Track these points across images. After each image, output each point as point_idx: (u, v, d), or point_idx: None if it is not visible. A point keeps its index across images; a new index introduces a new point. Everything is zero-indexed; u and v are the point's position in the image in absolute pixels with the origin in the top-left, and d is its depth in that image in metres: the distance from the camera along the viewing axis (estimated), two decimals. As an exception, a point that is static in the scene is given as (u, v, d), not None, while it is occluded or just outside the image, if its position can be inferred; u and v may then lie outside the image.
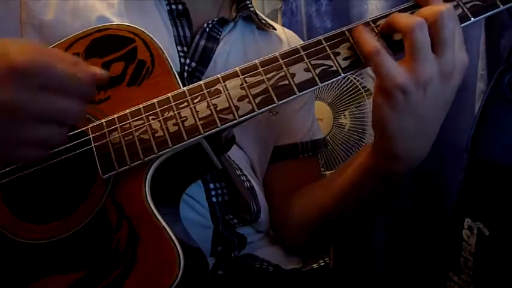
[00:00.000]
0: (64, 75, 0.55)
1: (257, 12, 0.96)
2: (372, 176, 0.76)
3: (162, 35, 0.83)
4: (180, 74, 0.82)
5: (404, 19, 0.64)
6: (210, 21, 0.87)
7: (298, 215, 0.89)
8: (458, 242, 0.79)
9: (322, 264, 0.90)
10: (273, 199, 0.92)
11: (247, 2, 0.93)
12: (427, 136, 0.70)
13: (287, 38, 0.99)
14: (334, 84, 1.44)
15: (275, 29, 0.98)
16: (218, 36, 0.88)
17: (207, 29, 0.86)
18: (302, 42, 0.70)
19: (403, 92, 0.64)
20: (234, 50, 0.89)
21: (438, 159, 1.41)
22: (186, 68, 0.83)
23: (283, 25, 1.79)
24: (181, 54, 0.84)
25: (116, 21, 0.79)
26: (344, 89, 1.42)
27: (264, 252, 0.87)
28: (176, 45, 0.84)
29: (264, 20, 0.98)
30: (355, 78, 1.41)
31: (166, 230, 0.61)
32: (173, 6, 0.86)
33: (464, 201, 0.82)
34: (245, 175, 0.87)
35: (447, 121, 1.35)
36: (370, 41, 0.65)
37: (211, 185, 0.81)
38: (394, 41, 0.67)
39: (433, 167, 1.42)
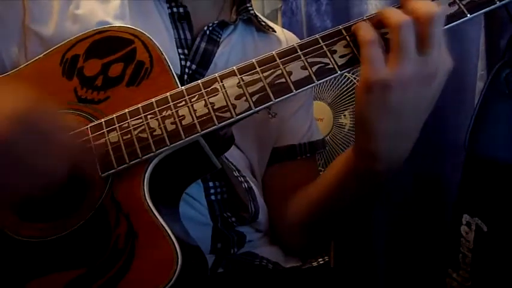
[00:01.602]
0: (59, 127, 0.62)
1: (257, 14, 0.97)
2: (353, 176, 0.77)
3: (163, 38, 0.83)
4: (181, 76, 0.83)
5: (394, 16, 0.65)
6: (210, 24, 0.87)
7: (293, 214, 0.89)
8: (457, 238, 0.79)
9: (321, 262, 0.91)
10: (271, 200, 0.93)
11: (248, 5, 0.94)
12: (406, 136, 0.70)
13: (286, 39, 1.00)
14: (334, 84, 1.44)
15: (275, 31, 0.99)
16: (218, 39, 0.89)
17: (208, 32, 0.87)
18: (299, 41, 0.70)
19: (383, 87, 0.64)
20: (234, 53, 0.90)
21: (438, 157, 1.41)
22: (187, 70, 0.84)
23: (283, 25, 1.80)
24: (182, 56, 0.85)
25: (117, 24, 0.80)
26: (344, 89, 1.42)
27: (263, 250, 0.88)
28: (177, 47, 0.85)
29: (264, 22, 0.98)
30: (355, 78, 1.41)
31: (163, 227, 0.62)
32: (174, 9, 0.86)
33: (462, 197, 0.82)
34: (243, 176, 0.87)
35: (447, 120, 1.36)
36: (367, 32, 0.66)
37: (211, 184, 0.82)
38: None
39: (433, 166, 1.42)
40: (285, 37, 1.01)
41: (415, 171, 1.42)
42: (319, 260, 0.91)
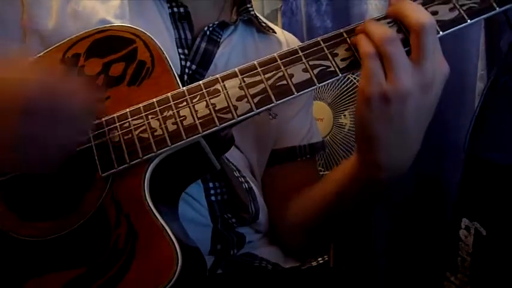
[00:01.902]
0: (72, 110, 0.62)
1: (257, 15, 0.97)
2: (357, 183, 0.77)
3: (163, 38, 0.83)
4: (181, 76, 0.83)
5: (377, 31, 0.65)
6: (210, 25, 0.87)
7: (293, 215, 0.90)
8: (456, 242, 0.79)
9: (321, 262, 0.91)
10: (271, 201, 0.93)
11: (248, 6, 0.93)
12: (408, 145, 0.71)
13: (287, 40, 1.00)
14: (334, 84, 1.44)
15: (275, 32, 0.98)
16: (218, 40, 0.89)
17: (208, 32, 0.87)
18: (300, 43, 0.70)
19: (382, 100, 0.64)
20: (234, 53, 0.90)
21: (438, 159, 1.41)
22: (187, 70, 0.84)
23: (283, 25, 1.80)
24: (182, 56, 0.85)
25: (118, 23, 0.80)
26: (344, 89, 1.42)
27: (263, 251, 0.88)
28: (177, 47, 0.85)
29: (264, 23, 0.98)
30: (355, 78, 1.41)
31: (164, 227, 0.62)
32: (175, 9, 0.86)
33: (461, 200, 0.82)
34: (243, 176, 0.87)
35: (447, 121, 1.36)
36: (368, 45, 0.65)
37: (211, 184, 0.82)
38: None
39: (433, 167, 1.42)
40: (285, 38, 1.00)
41: (416, 171, 1.42)
42: (319, 259, 0.91)
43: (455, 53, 1.38)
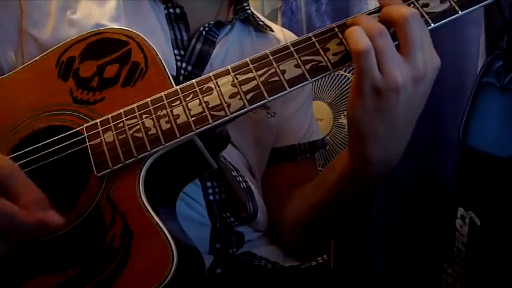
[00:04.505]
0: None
1: (255, 13, 0.97)
2: (349, 178, 0.77)
3: (159, 39, 0.83)
4: (176, 77, 0.83)
5: (367, 24, 0.65)
6: (206, 25, 0.87)
7: (292, 214, 0.89)
8: (452, 232, 0.79)
9: (320, 261, 0.90)
10: (271, 200, 0.93)
11: (245, 4, 0.94)
12: (398, 138, 0.70)
13: (285, 38, 1.00)
14: (334, 84, 1.44)
15: (273, 30, 0.98)
16: (214, 39, 0.89)
17: (204, 32, 0.87)
18: (292, 39, 0.71)
19: (374, 93, 0.64)
20: (230, 53, 0.90)
21: (437, 157, 1.40)
22: (183, 71, 0.84)
23: (283, 25, 1.80)
24: (178, 57, 0.85)
25: (113, 26, 0.80)
26: (344, 89, 1.41)
27: (262, 250, 0.88)
28: (173, 48, 0.85)
29: (262, 21, 0.98)
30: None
31: (159, 225, 0.62)
32: (171, 10, 0.86)
33: (457, 190, 0.82)
34: (242, 176, 0.87)
35: (447, 119, 1.35)
36: (358, 40, 0.65)
37: (209, 184, 0.82)
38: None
39: (432, 166, 1.42)
40: (283, 36, 1.01)
41: (415, 169, 1.41)
42: (318, 259, 0.91)
43: (456, 53, 1.37)
